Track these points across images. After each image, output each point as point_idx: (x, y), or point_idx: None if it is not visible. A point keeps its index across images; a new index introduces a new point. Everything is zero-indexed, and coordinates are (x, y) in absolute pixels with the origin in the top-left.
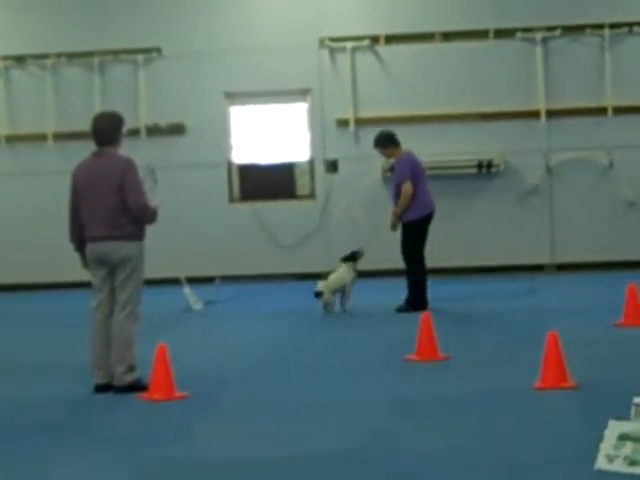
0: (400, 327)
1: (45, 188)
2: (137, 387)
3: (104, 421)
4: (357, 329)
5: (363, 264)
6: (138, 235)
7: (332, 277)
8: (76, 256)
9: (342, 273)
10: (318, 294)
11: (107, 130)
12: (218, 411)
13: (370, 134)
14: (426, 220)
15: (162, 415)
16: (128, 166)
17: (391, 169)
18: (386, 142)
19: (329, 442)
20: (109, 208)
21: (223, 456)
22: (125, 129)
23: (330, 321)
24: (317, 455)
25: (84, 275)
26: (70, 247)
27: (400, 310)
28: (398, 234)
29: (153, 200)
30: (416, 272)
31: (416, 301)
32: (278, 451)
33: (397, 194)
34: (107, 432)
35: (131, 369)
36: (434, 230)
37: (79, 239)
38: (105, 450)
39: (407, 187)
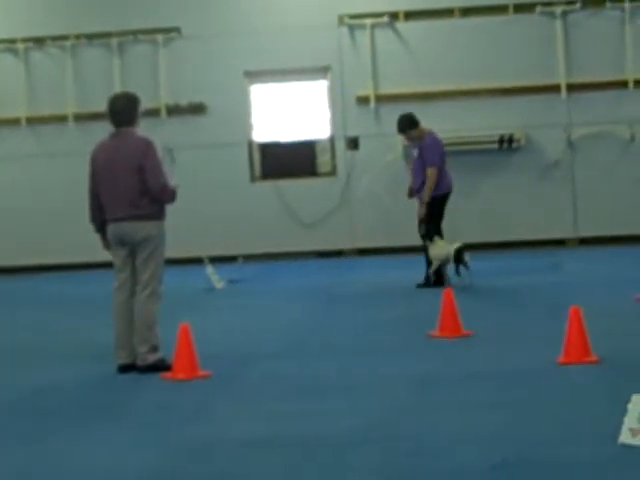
0: (422, 303)
1: (66, 169)
2: (161, 367)
3: (128, 401)
4: (379, 306)
5: (383, 241)
6: (158, 215)
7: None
8: (97, 237)
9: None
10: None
11: (123, 111)
12: (242, 390)
13: (391, 111)
14: (445, 198)
15: (186, 394)
16: (147, 146)
17: (408, 148)
18: (410, 125)
19: (352, 420)
20: (129, 189)
21: (247, 435)
22: (142, 109)
23: (352, 298)
24: (340, 432)
25: (105, 256)
26: (91, 228)
27: (421, 286)
28: (413, 212)
29: (172, 180)
30: None
31: (435, 278)
32: (302, 429)
33: (424, 175)
34: (131, 412)
35: (154, 349)
36: (456, 205)
37: (99, 220)
38: (129, 430)
39: (434, 172)
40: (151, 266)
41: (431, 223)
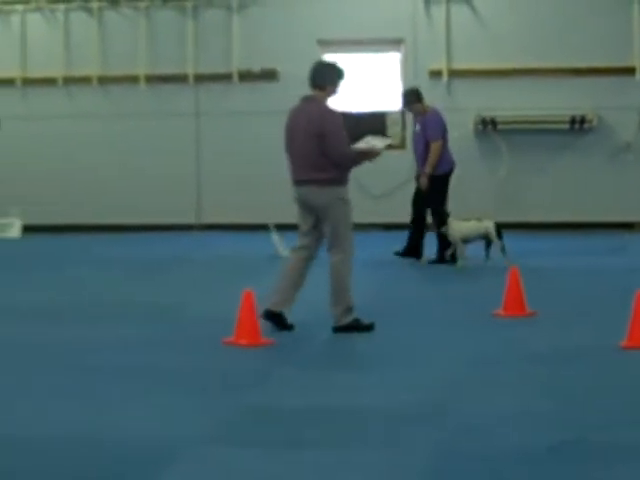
0: (488, 281)
1: (135, 130)
2: (356, 327)
3: (187, 365)
4: (443, 281)
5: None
6: (336, 180)
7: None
8: (155, 199)
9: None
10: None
11: (317, 75)
12: (302, 359)
13: (463, 85)
14: (447, 176)
15: (247, 361)
16: (328, 113)
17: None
18: (415, 99)
19: (407, 394)
20: (306, 153)
21: (305, 404)
22: (340, 82)
23: (417, 273)
24: (393, 406)
25: (165, 218)
26: (148, 189)
27: (433, 262)
28: (483, 184)
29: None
30: (422, 224)
31: (410, 248)
32: (358, 400)
33: (427, 150)
34: (191, 377)
35: (348, 310)
36: (525, 184)
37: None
38: (187, 394)
39: (438, 145)
40: (337, 231)
41: (439, 205)
